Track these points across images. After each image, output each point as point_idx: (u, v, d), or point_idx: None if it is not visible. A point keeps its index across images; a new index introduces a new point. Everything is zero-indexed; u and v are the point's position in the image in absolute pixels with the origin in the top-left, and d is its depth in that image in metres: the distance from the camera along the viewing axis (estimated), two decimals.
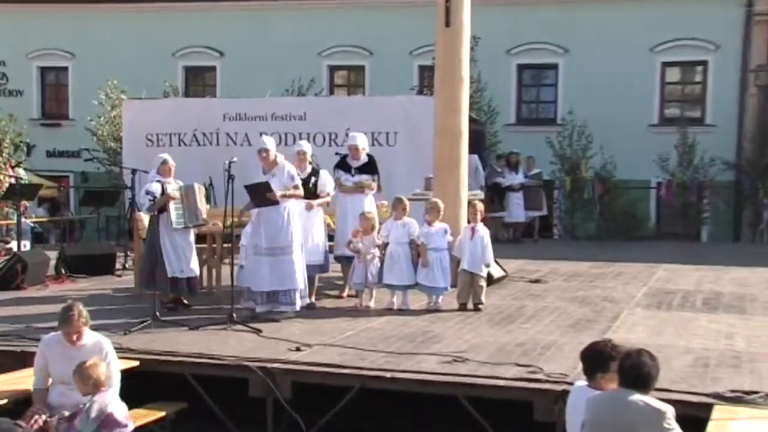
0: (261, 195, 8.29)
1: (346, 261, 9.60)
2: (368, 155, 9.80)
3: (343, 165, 9.75)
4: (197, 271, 9.10)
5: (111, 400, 5.57)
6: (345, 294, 9.69)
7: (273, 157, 8.50)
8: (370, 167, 9.76)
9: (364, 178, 9.69)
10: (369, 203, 9.72)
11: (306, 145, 9.37)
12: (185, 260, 8.90)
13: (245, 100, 14.72)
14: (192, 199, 8.88)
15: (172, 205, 8.78)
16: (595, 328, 7.98)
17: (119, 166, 15.28)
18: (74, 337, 5.70)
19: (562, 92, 19.74)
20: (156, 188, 8.70)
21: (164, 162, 9.10)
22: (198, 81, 22.38)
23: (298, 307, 8.37)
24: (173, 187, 8.90)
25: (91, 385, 5.53)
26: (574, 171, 17.94)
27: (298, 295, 8.36)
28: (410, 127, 13.42)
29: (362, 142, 9.76)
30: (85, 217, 18.15)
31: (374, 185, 9.74)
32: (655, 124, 19.16)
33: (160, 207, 8.70)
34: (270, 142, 8.61)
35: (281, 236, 8.32)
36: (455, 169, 10.21)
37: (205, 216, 9.05)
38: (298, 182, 8.56)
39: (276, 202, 8.31)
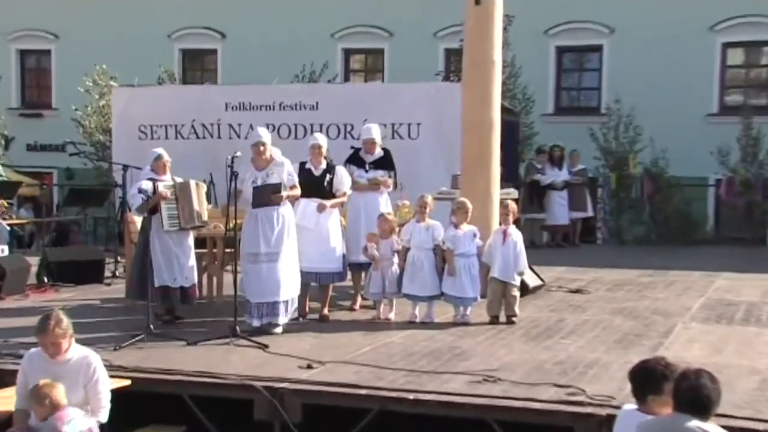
0: (265, 196, 8.32)
1: (357, 268, 9.64)
2: (383, 149, 9.84)
3: (355, 159, 9.79)
4: (194, 280, 9.15)
5: (76, 422, 5.56)
6: (357, 306, 9.73)
7: (269, 153, 8.49)
8: (385, 162, 9.80)
9: (380, 174, 9.72)
10: (384, 203, 9.76)
11: (322, 138, 9.40)
12: (178, 267, 8.94)
13: (250, 87, 14.79)
14: (187, 198, 8.91)
15: (163, 205, 8.81)
16: (645, 344, 7.97)
17: (108, 161, 15.38)
18: (51, 350, 5.70)
19: (606, 78, 19.70)
20: (148, 186, 8.75)
21: (158, 157, 9.15)
22: (197, 66, 22.52)
23: (281, 322, 8.38)
24: (166, 184, 8.94)
25: (48, 405, 5.57)
26: (620, 167, 17.89)
27: (283, 308, 8.37)
28: (435, 118, 13.44)
29: (378, 134, 9.82)
30: (71, 219, 18.27)
31: (390, 182, 9.78)
32: (714, 114, 19.08)
33: (152, 207, 8.75)
34: (266, 135, 8.57)
35: (272, 242, 8.32)
36: (486, 165, 10.22)
37: (205, 217, 9.10)
38: (296, 181, 8.61)
39: (276, 205, 8.34)
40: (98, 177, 18.52)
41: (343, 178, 9.26)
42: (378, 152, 9.78)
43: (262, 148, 8.45)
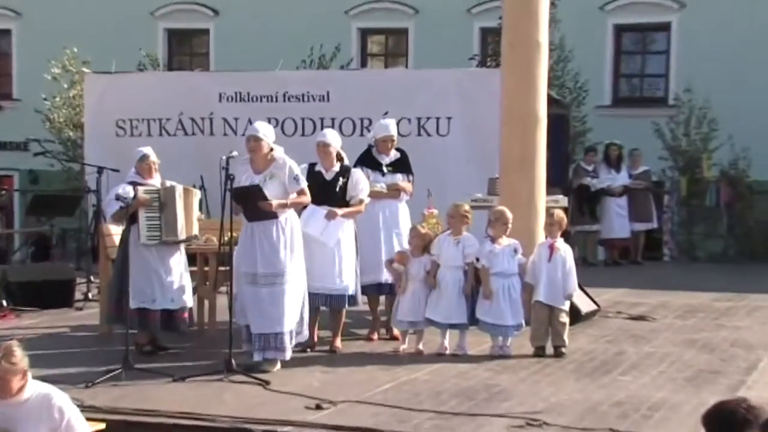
0: (251, 204, 8.26)
1: (374, 290, 9.66)
2: (398, 149, 9.89)
3: (368, 161, 9.79)
4: (186, 302, 9.16)
5: None
6: (375, 336, 9.74)
7: (267, 151, 8.42)
8: (403, 164, 9.85)
9: (399, 178, 9.73)
10: (404, 212, 9.77)
11: (331, 135, 9.41)
12: (159, 286, 8.96)
13: (248, 74, 14.86)
14: (172, 207, 8.95)
15: (142, 214, 8.85)
16: (722, 382, 7.95)
17: (80, 162, 15.49)
18: None
19: (675, 62, 19.65)
20: (127, 191, 8.79)
21: (143, 157, 9.18)
22: (185, 49, 22.66)
23: (288, 356, 8.38)
24: (148, 189, 8.95)
25: None
26: (691, 169, 17.84)
27: (288, 341, 8.35)
28: (468, 111, 13.46)
29: (395, 129, 9.89)
30: (36, 231, 18.36)
31: (410, 188, 9.79)
32: None
33: (131, 216, 8.79)
34: (264, 128, 8.53)
35: (271, 260, 8.27)
36: (529, 167, 10.23)
37: (194, 231, 9.11)
38: (305, 185, 8.53)
39: (273, 215, 8.30)
40: (68, 181, 18.62)
41: (359, 183, 9.24)
42: (394, 153, 9.82)
43: (254, 143, 8.35)
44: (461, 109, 13.55)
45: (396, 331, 9.58)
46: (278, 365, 8.33)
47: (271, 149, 8.46)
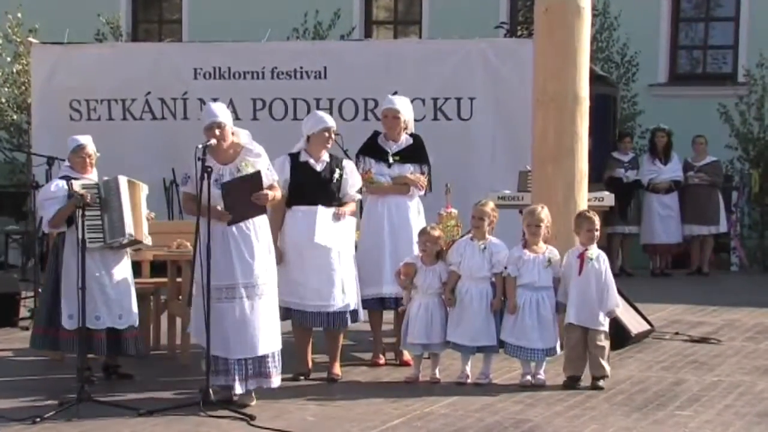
0: (244, 200, 8.25)
1: (376, 305, 9.68)
2: (412, 134, 9.87)
3: (372, 149, 9.81)
4: (132, 320, 9.09)
5: None
6: (383, 360, 9.78)
7: (230, 140, 8.37)
8: (415, 153, 9.82)
9: (408, 170, 9.75)
10: (416, 212, 9.77)
11: (331, 120, 9.45)
12: (103, 301, 8.92)
13: (229, 46, 14.93)
14: (116, 202, 8.92)
15: (80, 213, 8.86)
16: None
17: (26, 152, 15.56)
18: None
19: (746, 31, 19.63)
20: (61, 188, 8.81)
21: (78, 148, 9.16)
22: (152, 14, 22.68)
23: (275, 384, 8.37)
24: (85, 183, 8.92)
25: None
26: (766, 160, 17.82)
27: (273, 365, 8.31)
28: (494, 90, 13.53)
29: (405, 109, 9.80)
30: None
31: (424, 181, 9.80)
32: None
33: (68, 216, 8.79)
34: (224, 112, 8.47)
35: (253, 267, 8.24)
36: (567, 158, 10.25)
37: (144, 231, 9.05)
38: (275, 179, 8.57)
39: (263, 211, 8.31)
40: (11, 174, 18.66)
41: (352, 178, 9.29)
42: (405, 139, 9.82)
43: (220, 131, 8.29)
44: (486, 88, 13.63)
45: (407, 356, 9.61)
46: (254, 400, 8.28)
47: (233, 136, 8.44)
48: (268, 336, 8.30)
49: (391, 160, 9.71)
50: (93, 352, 9.05)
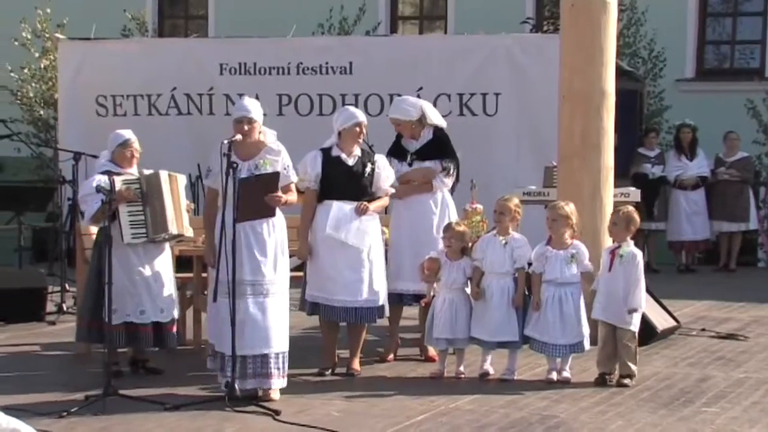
0: (257, 200, 8.23)
1: (396, 301, 9.65)
2: (435, 128, 9.86)
3: (396, 150, 9.81)
4: (174, 313, 9.22)
5: None
6: (392, 357, 9.78)
7: (256, 138, 8.43)
8: (437, 148, 9.78)
9: (426, 166, 9.73)
10: (440, 209, 9.72)
11: (362, 115, 9.41)
12: (147, 295, 9.02)
13: (254, 41, 14.94)
14: (158, 197, 8.97)
15: (122, 209, 8.89)
16: None
17: (53, 147, 15.61)
18: None
19: None
20: (105, 182, 8.83)
21: (125, 143, 9.21)
22: (178, 10, 22.71)
23: (275, 386, 8.34)
24: (127, 179, 8.98)
25: None
26: None
27: (275, 365, 8.28)
28: (520, 86, 13.50)
29: (409, 112, 9.72)
30: None
31: (442, 175, 9.70)
32: None
33: (112, 212, 8.80)
34: (257, 108, 8.54)
35: (262, 266, 8.26)
36: (593, 154, 10.25)
37: (186, 224, 9.14)
38: (295, 179, 8.61)
39: (272, 213, 8.32)
40: (38, 169, 18.71)
41: (384, 172, 9.26)
42: (426, 134, 9.81)
43: (249, 125, 8.39)
44: (511, 84, 13.59)
45: (431, 351, 9.62)
46: (277, 393, 8.32)
47: (260, 133, 8.49)
48: (273, 336, 8.28)
49: (409, 159, 9.72)
50: (139, 345, 9.13)
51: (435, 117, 9.91)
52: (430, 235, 9.57)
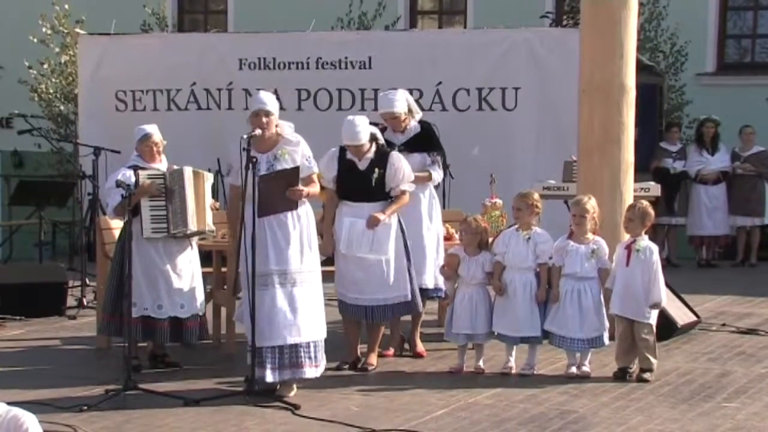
0: (278, 194, 8.25)
1: None
2: (421, 122, 9.84)
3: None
4: (197, 309, 9.26)
5: None
6: (391, 351, 9.76)
7: (273, 131, 8.44)
8: (423, 141, 9.77)
9: (416, 159, 9.65)
10: (428, 207, 9.73)
11: (401, 102, 9.36)
12: (165, 290, 9.05)
13: (273, 36, 14.94)
14: (181, 193, 9.01)
15: (145, 203, 8.93)
16: None
17: (73, 142, 15.66)
18: None
19: None
20: (128, 177, 8.87)
21: (146, 137, 9.27)
22: (198, 5, 22.75)
23: (309, 375, 8.36)
24: (151, 173, 9.03)
25: None
26: None
27: (306, 356, 8.31)
28: (540, 80, 13.48)
29: (400, 105, 9.68)
30: (18, 224, 18.56)
31: (429, 172, 9.70)
32: None
33: (134, 206, 8.87)
34: (272, 102, 8.52)
35: (287, 255, 8.28)
36: (614, 148, 10.24)
37: (208, 221, 9.20)
38: (317, 170, 8.59)
39: (293, 206, 8.33)
40: (59, 164, 18.78)
41: (399, 172, 9.12)
42: (413, 127, 9.77)
43: (266, 119, 8.37)
44: (531, 78, 13.57)
45: (420, 347, 9.67)
46: (294, 390, 8.33)
47: (278, 126, 8.49)
48: (304, 325, 8.28)
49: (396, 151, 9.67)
50: (155, 340, 9.18)
51: (416, 107, 9.94)
52: (419, 226, 9.59)
